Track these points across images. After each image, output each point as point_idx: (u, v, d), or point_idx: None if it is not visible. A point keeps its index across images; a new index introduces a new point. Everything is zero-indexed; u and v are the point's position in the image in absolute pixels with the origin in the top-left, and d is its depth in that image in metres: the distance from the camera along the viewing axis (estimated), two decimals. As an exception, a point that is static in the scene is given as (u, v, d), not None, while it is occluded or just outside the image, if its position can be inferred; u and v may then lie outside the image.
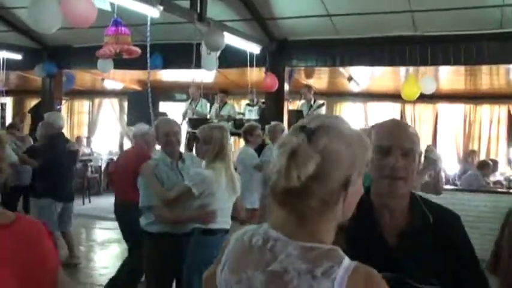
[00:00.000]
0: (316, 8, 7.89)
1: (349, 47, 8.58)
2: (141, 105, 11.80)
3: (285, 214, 1.23)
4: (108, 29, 5.35)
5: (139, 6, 5.40)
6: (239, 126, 10.71)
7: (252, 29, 8.63)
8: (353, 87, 11.64)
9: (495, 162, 9.86)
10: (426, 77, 8.53)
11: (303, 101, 10.28)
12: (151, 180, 3.84)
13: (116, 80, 12.93)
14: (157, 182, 3.85)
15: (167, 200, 3.77)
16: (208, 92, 12.54)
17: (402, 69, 10.44)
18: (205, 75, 12.65)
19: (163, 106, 12.51)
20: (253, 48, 8.34)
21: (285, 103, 9.49)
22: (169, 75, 12.98)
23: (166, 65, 9.91)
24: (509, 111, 11.43)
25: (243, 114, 11.39)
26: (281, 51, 8.99)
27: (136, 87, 13.57)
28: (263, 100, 11.15)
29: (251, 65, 8.80)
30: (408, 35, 8.18)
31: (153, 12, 5.64)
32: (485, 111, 11.60)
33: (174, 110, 12.59)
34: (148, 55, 6.24)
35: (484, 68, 9.96)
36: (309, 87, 10.43)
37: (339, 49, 8.68)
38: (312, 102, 10.23)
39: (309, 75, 11.39)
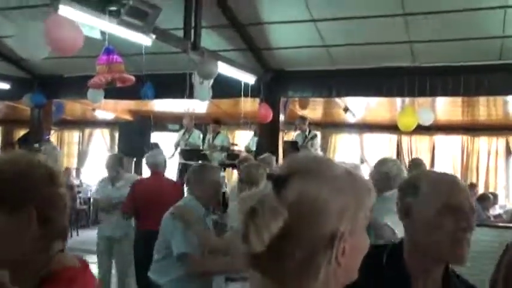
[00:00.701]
0: (312, 39, 7.73)
1: (346, 77, 8.39)
2: (132, 135, 11.60)
3: (261, 278, 0.98)
4: (99, 57, 5.11)
5: (132, 34, 5.17)
6: (232, 157, 10.49)
7: (246, 59, 8.45)
8: (349, 118, 11.47)
9: (495, 196, 9.67)
10: (423, 108, 8.34)
11: (298, 132, 10.10)
12: (197, 226, 3.37)
13: (107, 110, 12.69)
14: (204, 230, 3.44)
15: (217, 250, 3.37)
16: (201, 123, 12.35)
17: (398, 100, 10.31)
18: (198, 106, 12.50)
19: (155, 136, 12.28)
20: (248, 79, 8.14)
21: (280, 134, 9.25)
22: (161, 105, 12.78)
23: (158, 95, 9.65)
24: (507, 143, 11.27)
25: (236, 144, 11.19)
26: (276, 82, 8.80)
27: (128, 117, 13.33)
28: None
29: (245, 95, 8.59)
30: (406, 66, 8.02)
31: (145, 41, 5.43)
32: (483, 143, 11.43)
33: (166, 140, 12.36)
34: (147, 84, 6.08)
35: (482, 100, 9.84)
36: (303, 118, 10.27)
37: (335, 80, 8.50)
38: (307, 133, 10.06)
39: (303, 106, 11.22)
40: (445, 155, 11.57)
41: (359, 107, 11.06)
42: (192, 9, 6.39)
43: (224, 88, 8.34)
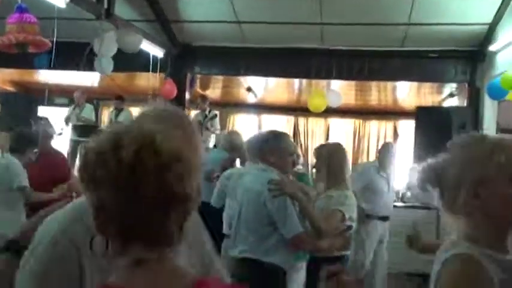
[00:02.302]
0: (225, 13, 7.53)
1: (256, 56, 8.28)
2: (16, 109, 10.65)
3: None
4: (10, 16, 4.46)
5: (46, -7, 4.60)
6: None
7: (154, 31, 8.03)
8: (249, 99, 11.44)
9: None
10: (332, 89, 8.52)
11: (198, 111, 9.88)
12: (309, 204, 3.27)
13: (-15, 80, 11.49)
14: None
15: (326, 231, 3.26)
16: (92, 97, 11.65)
17: (296, 82, 10.48)
18: (89, 79, 11.77)
19: (42, 110, 11.39)
20: (156, 52, 7.74)
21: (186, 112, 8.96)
22: (48, 77, 11.82)
23: (54, 66, 8.84)
24: (395, 127, 11.92)
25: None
26: (183, 57, 8.46)
27: (9, 88, 12.18)
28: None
29: (153, 70, 8.17)
30: (315, 47, 8.13)
31: (59, 2, 4.88)
32: (373, 126, 11.98)
33: (54, 115, 11.48)
34: (54, 52, 5.50)
35: (373, 85, 10.27)
36: (204, 97, 10.05)
37: (244, 58, 8.36)
38: (207, 112, 9.87)
39: (205, 85, 10.98)
40: (339, 138, 11.94)
41: (259, 87, 11.06)
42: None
43: (127, 61, 7.84)
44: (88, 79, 11.59)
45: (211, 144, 10.29)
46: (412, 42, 7.82)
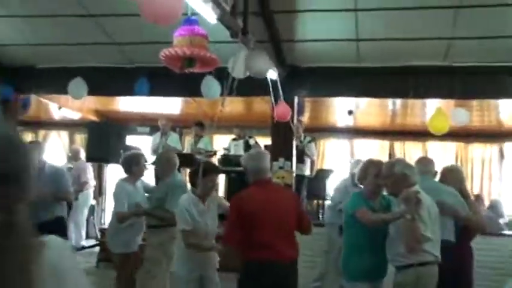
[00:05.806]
0: (345, 31, 6.98)
1: (372, 76, 7.68)
2: (104, 138, 10.26)
3: None
4: (180, 28, 3.93)
5: (203, 6, 4.07)
6: (226, 162, 9.48)
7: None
8: (338, 122, 10.89)
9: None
10: (457, 108, 7.78)
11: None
12: None
13: (72, 109, 11.22)
14: None
15: None
16: (175, 125, 11.25)
17: (390, 103, 9.82)
18: (171, 106, 11.41)
19: (129, 140, 11.06)
20: (271, 74, 7.19)
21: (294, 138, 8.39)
22: (128, 106, 11.52)
23: (153, 92, 8.43)
24: (500, 150, 11.08)
25: (228, 149, 10.22)
26: (292, 79, 7.88)
27: (93, 117, 11.91)
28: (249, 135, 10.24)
29: (260, 94, 7.68)
30: (436, 65, 7.48)
31: (210, 17, 4.37)
32: (476, 149, 11.17)
33: (139, 144, 11.13)
34: (141, 78, 5.00)
35: (475, 105, 9.51)
36: (299, 121, 9.53)
37: (359, 79, 7.74)
38: (302, 138, 9.34)
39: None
40: (439, 162, 11.17)
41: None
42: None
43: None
44: (170, 106, 11.23)
45: (307, 171, 9.74)
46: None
